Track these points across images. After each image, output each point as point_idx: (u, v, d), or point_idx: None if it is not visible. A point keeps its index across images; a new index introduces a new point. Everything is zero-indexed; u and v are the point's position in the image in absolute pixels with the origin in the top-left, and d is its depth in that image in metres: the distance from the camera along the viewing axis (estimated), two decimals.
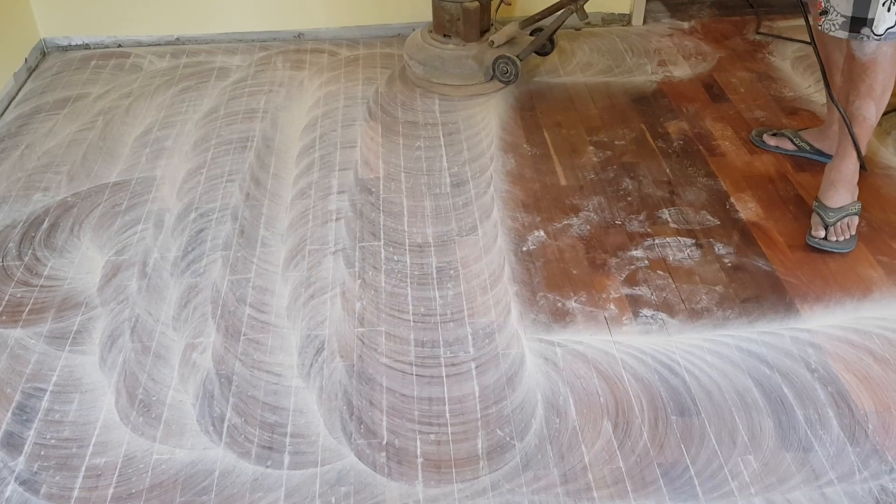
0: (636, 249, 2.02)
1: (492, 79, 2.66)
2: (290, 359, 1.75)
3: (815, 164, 2.29)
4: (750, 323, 1.80)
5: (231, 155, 2.43)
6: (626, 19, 3.19)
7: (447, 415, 1.61)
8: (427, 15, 3.11)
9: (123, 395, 1.68)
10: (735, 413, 1.59)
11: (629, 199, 2.20)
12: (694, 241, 2.04)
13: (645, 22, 3.19)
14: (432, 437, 1.57)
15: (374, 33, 3.14)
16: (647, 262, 1.98)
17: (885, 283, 1.89)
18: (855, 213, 1.99)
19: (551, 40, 2.76)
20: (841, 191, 1.99)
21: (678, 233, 2.06)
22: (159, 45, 3.12)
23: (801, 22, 3.11)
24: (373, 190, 2.26)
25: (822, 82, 2.08)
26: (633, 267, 1.96)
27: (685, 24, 3.19)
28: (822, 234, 1.98)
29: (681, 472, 1.49)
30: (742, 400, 1.62)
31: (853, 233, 1.98)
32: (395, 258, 2.01)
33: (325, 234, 2.10)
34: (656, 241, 2.04)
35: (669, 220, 2.11)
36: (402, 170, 2.34)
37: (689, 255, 1.99)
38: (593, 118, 2.57)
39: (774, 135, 2.36)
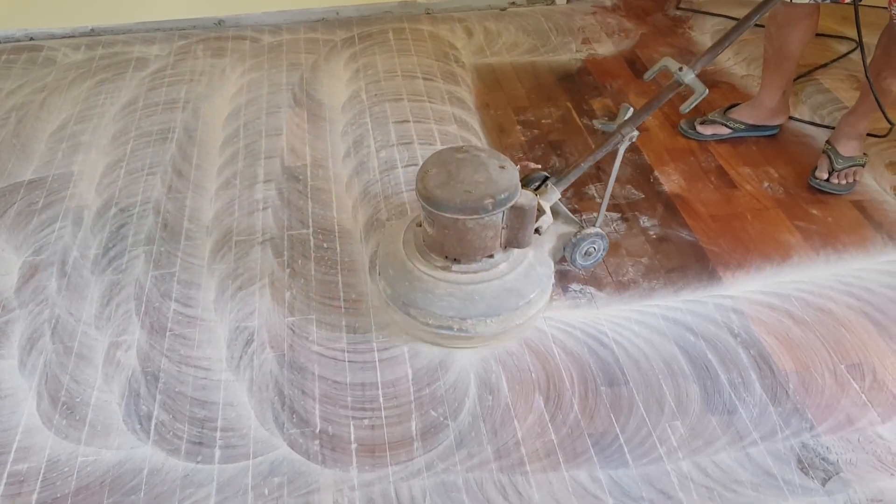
0: None
1: (559, 261, 1.93)
2: (218, 352, 1.71)
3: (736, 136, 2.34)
4: (675, 292, 1.84)
5: (152, 147, 2.36)
6: None
7: (381, 399, 1.61)
8: None
9: (45, 398, 1.62)
10: (662, 381, 1.63)
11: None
12: (620, 215, 2.06)
13: (569, 0, 3.21)
14: (366, 422, 1.57)
15: (296, 18, 3.09)
16: None
17: (803, 248, 1.95)
18: (861, 165, 2.12)
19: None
20: (854, 143, 2.13)
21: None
22: (73, 36, 3.01)
23: None
24: (300, 177, 2.22)
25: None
26: None
27: (608, 2, 3.22)
28: (826, 176, 2.12)
29: (611, 440, 1.52)
30: (669, 367, 1.65)
31: (855, 180, 2.12)
32: (325, 245, 1.99)
33: (252, 224, 2.06)
34: (584, 217, 2.06)
35: (596, 195, 2.14)
36: (329, 156, 2.31)
37: (615, 229, 2.02)
38: (520, 98, 2.58)
39: (704, 122, 2.36)
